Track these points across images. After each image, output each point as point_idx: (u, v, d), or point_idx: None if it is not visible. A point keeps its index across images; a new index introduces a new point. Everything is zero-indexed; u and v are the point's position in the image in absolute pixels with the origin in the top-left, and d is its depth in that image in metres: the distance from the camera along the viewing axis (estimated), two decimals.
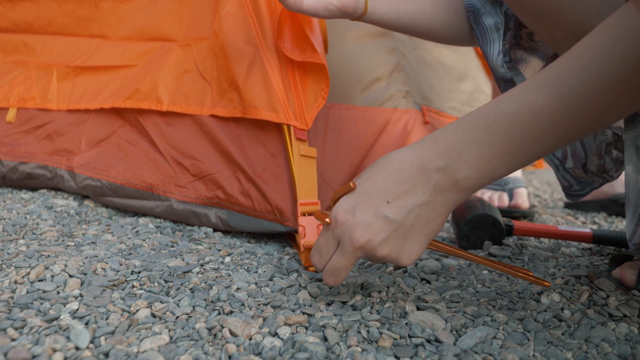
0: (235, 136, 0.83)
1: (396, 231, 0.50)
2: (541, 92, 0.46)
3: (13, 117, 1.10)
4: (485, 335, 0.51)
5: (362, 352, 0.47)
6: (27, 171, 1.05)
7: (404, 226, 0.50)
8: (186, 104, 0.88)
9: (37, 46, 1.14)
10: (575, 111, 0.45)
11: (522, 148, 0.47)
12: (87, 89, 1.04)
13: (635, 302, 0.61)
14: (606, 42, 0.44)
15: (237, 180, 0.82)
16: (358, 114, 0.98)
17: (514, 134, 0.47)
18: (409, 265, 0.52)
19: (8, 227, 0.81)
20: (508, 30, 0.72)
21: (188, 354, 0.45)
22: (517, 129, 0.47)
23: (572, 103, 0.45)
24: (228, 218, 0.82)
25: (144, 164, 0.91)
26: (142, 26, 1.00)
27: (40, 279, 0.60)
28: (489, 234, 0.84)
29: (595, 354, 0.49)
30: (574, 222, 1.16)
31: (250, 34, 0.82)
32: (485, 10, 0.73)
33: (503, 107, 0.47)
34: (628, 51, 0.43)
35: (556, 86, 0.46)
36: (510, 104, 0.47)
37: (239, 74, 0.81)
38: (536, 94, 0.46)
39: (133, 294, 0.58)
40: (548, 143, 0.47)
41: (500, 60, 0.72)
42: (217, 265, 0.69)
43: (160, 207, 0.88)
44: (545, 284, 0.58)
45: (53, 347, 0.45)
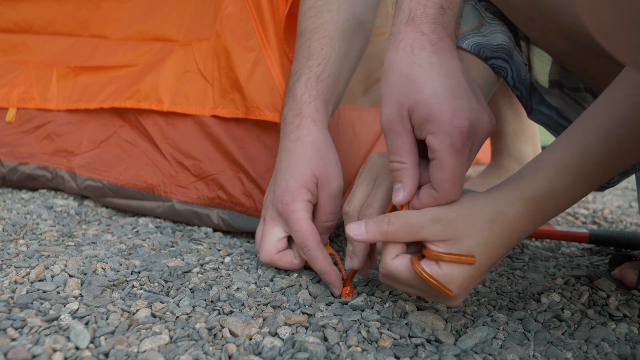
0: (237, 137, 0.83)
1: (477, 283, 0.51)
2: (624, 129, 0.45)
3: (13, 117, 1.10)
4: (485, 335, 0.51)
5: (362, 352, 0.47)
6: (28, 172, 1.05)
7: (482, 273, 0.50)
8: (187, 104, 0.88)
9: (37, 46, 1.14)
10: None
11: (592, 189, 0.49)
12: (87, 88, 1.04)
13: (635, 302, 0.61)
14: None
15: (239, 180, 0.82)
16: (360, 114, 0.98)
17: (595, 182, 0.48)
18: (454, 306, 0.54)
19: (8, 227, 0.81)
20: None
21: (188, 354, 0.45)
22: (599, 176, 0.47)
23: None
24: (230, 218, 0.82)
25: (145, 165, 0.91)
26: (142, 26, 1.00)
27: (40, 279, 0.60)
28: None
29: (595, 354, 0.49)
30: (574, 222, 1.16)
31: (252, 34, 0.81)
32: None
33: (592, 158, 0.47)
34: None
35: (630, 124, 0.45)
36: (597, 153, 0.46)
37: (241, 75, 0.81)
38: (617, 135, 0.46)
39: (133, 294, 0.58)
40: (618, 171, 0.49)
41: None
42: (217, 265, 0.69)
43: (161, 207, 0.88)
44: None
45: (53, 347, 0.45)
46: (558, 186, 0.47)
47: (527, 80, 0.71)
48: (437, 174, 0.46)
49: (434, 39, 0.47)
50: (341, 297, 0.59)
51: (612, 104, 0.46)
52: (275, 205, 0.64)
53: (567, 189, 0.47)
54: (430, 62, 0.46)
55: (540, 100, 0.74)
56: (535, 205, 0.47)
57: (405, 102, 0.46)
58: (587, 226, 1.13)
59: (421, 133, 0.46)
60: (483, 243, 0.46)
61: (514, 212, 0.47)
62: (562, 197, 0.48)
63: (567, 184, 0.47)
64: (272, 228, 0.64)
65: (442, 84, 0.45)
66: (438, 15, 0.47)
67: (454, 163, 0.45)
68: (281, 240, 0.64)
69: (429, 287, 0.48)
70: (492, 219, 0.47)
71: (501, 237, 0.47)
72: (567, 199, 0.48)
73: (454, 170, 0.45)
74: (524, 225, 0.48)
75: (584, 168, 0.47)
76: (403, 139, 0.47)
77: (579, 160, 0.47)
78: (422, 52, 0.46)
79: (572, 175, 0.47)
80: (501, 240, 0.47)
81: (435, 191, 0.47)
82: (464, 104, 0.45)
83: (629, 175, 0.75)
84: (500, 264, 0.76)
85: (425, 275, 0.46)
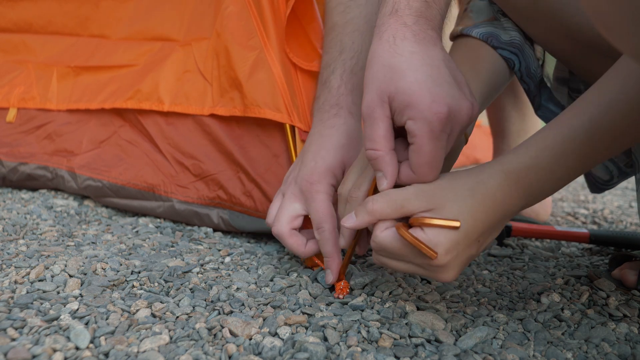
0: (237, 136, 0.83)
1: (469, 258, 0.50)
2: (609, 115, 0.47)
3: (13, 117, 1.10)
4: (485, 335, 0.51)
5: (362, 352, 0.47)
6: (28, 172, 1.05)
7: (476, 253, 0.51)
8: (187, 104, 0.88)
9: (37, 46, 1.14)
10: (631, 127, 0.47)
11: (583, 170, 0.50)
12: (87, 88, 1.04)
13: (635, 302, 0.61)
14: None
15: (239, 180, 0.82)
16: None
17: (583, 164, 0.49)
18: (444, 282, 0.54)
19: (8, 227, 0.81)
20: None
21: (188, 354, 0.45)
22: (587, 157, 0.49)
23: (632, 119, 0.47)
24: (230, 218, 0.82)
25: (145, 164, 0.91)
26: (142, 26, 1.00)
27: (40, 279, 0.60)
28: None
29: (595, 354, 0.49)
30: (574, 222, 1.16)
31: (253, 33, 0.81)
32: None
33: (575, 138, 0.48)
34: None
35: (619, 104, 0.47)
36: (580, 134, 0.48)
37: (242, 73, 0.81)
38: (603, 118, 0.47)
39: (133, 294, 0.58)
40: (603, 159, 0.50)
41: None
42: (217, 265, 0.69)
43: (161, 207, 0.88)
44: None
45: (53, 347, 0.45)
46: (539, 162, 0.48)
47: (537, 75, 0.71)
48: (415, 158, 0.48)
49: (417, 30, 0.48)
50: (335, 291, 0.60)
51: (602, 91, 0.48)
52: (299, 182, 0.65)
53: (548, 166, 0.48)
54: (412, 51, 0.47)
55: (549, 97, 0.74)
56: (515, 177, 0.49)
57: (387, 90, 0.47)
58: (587, 226, 1.13)
59: (401, 119, 0.48)
60: (466, 210, 0.48)
61: (494, 182, 0.49)
62: (543, 174, 0.49)
63: (548, 161, 0.48)
64: (292, 203, 0.65)
65: (423, 72, 0.47)
66: (422, 9, 0.49)
67: (432, 148, 0.47)
68: (298, 217, 0.65)
69: (417, 256, 0.48)
70: (473, 188, 0.48)
71: (484, 205, 0.48)
72: (549, 176, 0.49)
73: (432, 154, 0.47)
74: (506, 196, 0.49)
75: (565, 147, 0.48)
76: (380, 126, 0.48)
77: (562, 139, 0.48)
78: (404, 42, 0.48)
79: (553, 153, 0.48)
80: (484, 209, 0.48)
81: (414, 174, 0.49)
82: (443, 91, 0.46)
83: (628, 176, 0.75)
84: (500, 263, 0.76)
85: (409, 237, 0.47)
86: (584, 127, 0.48)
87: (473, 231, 0.48)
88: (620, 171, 0.75)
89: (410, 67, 0.47)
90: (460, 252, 0.48)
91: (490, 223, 0.49)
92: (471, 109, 0.49)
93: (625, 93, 0.46)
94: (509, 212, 0.50)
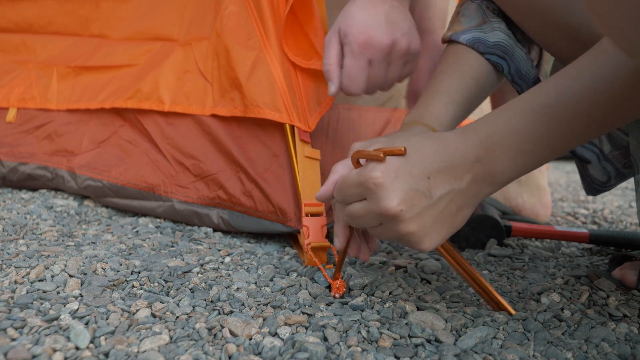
0: (237, 136, 0.83)
1: (429, 210, 0.48)
2: (579, 82, 0.46)
3: (13, 117, 1.10)
4: (485, 335, 0.51)
5: (362, 352, 0.47)
6: (28, 172, 1.05)
7: (437, 207, 0.48)
8: (187, 104, 0.88)
9: (37, 46, 1.14)
10: (610, 100, 0.46)
11: (559, 139, 0.48)
12: (88, 88, 1.04)
13: (635, 302, 0.61)
14: None
15: (239, 180, 0.82)
16: (359, 113, 0.98)
17: (554, 126, 0.47)
18: (427, 250, 0.50)
19: (8, 227, 0.81)
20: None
21: (188, 354, 0.45)
22: (556, 120, 0.47)
23: (606, 92, 0.45)
24: (230, 218, 0.82)
25: (145, 164, 0.91)
26: (142, 26, 1.00)
27: (40, 279, 0.60)
28: (488, 235, 0.84)
29: (595, 354, 0.49)
30: (574, 222, 1.16)
31: (253, 33, 0.81)
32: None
33: (541, 100, 0.48)
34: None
35: (591, 75, 0.46)
36: (548, 96, 0.47)
37: (241, 73, 0.81)
38: (573, 84, 0.46)
39: (133, 294, 0.58)
40: (583, 133, 0.47)
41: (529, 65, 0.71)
42: (217, 265, 0.69)
43: (161, 207, 0.88)
44: (511, 311, 0.56)
45: (53, 347, 0.45)
46: (496, 119, 0.49)
47: (529, 76, 0.71)
48: (343, 71, 0.69)
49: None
50: (332, 290, 0.60)
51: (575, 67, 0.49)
52: None
53: (505, 125, 0.48)
54: (362, 5, 0.68)
55: None
56: (472, 128, 0.49)
57: (339, 25, 0.69)
58: (587, 226, 1.13)
59: (344, 46, 0.68)
60: (414, 143, 0.49)
61: (450, 133, 0.50)
62: (502, 128, 0.48)
63: (505, 122, 0.48)
64: None
65: (361, 16, 0.67)
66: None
67: (351, 63, 0.68)
68: None
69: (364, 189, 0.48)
70: (421, 131, 0.53)
71: (433, 143, 0.49)
72: (508, 131, 0.48)
73: (351, 69, 0.68)
74: (459, 142, 0.49)
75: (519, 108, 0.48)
76: (332, 49, 0.69)
77: (519, 101, 0.49)
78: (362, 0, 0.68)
79: (512, 113, 0.48)
80: (433, 146, 0.49)
81: (342, 85, 0.69)
82: (369, 27, 0.66)
83: (625, 178, 0.75)
84: (500, 263, 0.76)
85: (358, 154, 0.49)
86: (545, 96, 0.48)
87: (418, 163, 0.47)
88: (617, 172, 0.74)
89: (355, 13, 0.67)
90: (411, 192, 0.47)
91: (440, 162, 0.48)
92: (391, 42, 0.67)
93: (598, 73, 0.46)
94: (462, 159, 0.48)
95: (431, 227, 0.48)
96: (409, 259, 0.74)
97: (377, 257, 0.75)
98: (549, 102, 0.47)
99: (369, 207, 0.49)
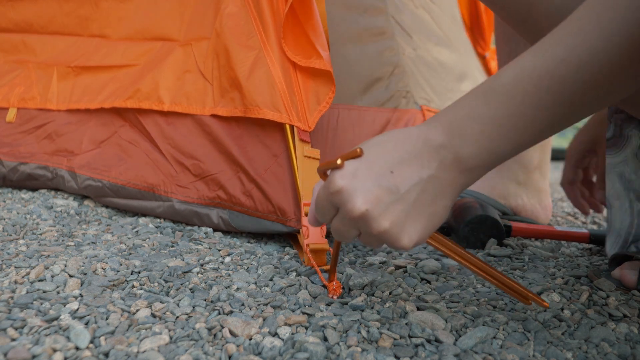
0: (237, 136, 0.83)
1: (398, 204, 0.46)
2: (538, 58, 0.44)
3: (13, 117, 1.10)
4: (485, 335, 0.51)
5: (362, 352, 0.47)
6: (28, 172, 1.05)
7: (407, 200, 0.46)
8: (187, 104, 0.88)
9: (37, 46, 1.14)
10: (577, 74, 0.43)
11: (524, 121, 0.45)
12: (87, 88, 1.04)
13: (635, 302, 0.61)
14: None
15: (239, 180, 0.82)
16: (359, 114, 0.98)
17: (514, 106, 0.45)
18: (408, 248, 0.47)
19: (8, 227, 0.81)
20: None
21: (188, 354, 0.45)
22: (517, 100, 0.45)
23: (571, 65, 0.43)
24: (230, 218, 0.82)
25: (145, 164, 0.91)
26: (142, 26, 1.00)
27: (40, 279, 0.60)
28: (488, 235, 0.84)
29: (595, 354, 0.49)
30: (574, 222, 1.16)
31: (252, 34, 0.81)
32: None
33: (501, 79, 0.46)
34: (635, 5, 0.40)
35: (553, 50, 0.44)
36: (508, 76, 0.45)
37: (241, 73, 0.81)
38: (533, 61, 0.44)
39: (133, 294, 0.58)
40: (552, 114, 0.45)
41: None
42: (217, 265, 0.69)
43: (161, 207, 0.88)
44: (544, 304, 0.54)
45: (53, 347, 0.45)
46: (462, 101, 0.47)
47: None
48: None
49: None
50: (328, 291, 0.60)
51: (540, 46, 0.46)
52: None
53: (465, 108, 0.47)
54: None
55: None
56: (436, 115, 0.48)
57: None
58: (587, 226, 1.13)
59: None
60: (373, 143, 0.48)
61: (412, 127, 0.49)
62: (469, 111, 0.47)
63: (465, 105, 0.47)
64: None
65: None
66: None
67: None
68: None
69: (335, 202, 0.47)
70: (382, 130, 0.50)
71: (392, 137, 0.48)
72: (466, 115, 0.46)
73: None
74: (422, 129, 0.47)
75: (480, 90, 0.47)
76: None
77: (482, 84, 0.47)
78: None
79: (473, 96, 0.47)
80: (392, 140, 0.48)
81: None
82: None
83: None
84: (500, 263, 0.76)
85: (321, 167, 0.49)
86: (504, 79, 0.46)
87: (378, 160, 0.46)
88: None
89: None
90: (374, 189, 0.45)
91: (402, 153, 0.47)
92: None
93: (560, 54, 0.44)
94: (427, 147, 0.47)
95: (405, 221, 0.46)
96: (409, 259, 0.74)
97: (377, 257, 0.75)
98: (507, 81, 0.45)
99: (342, 216, 0.48)
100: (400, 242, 0.47)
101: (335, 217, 0.49)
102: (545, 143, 1.06)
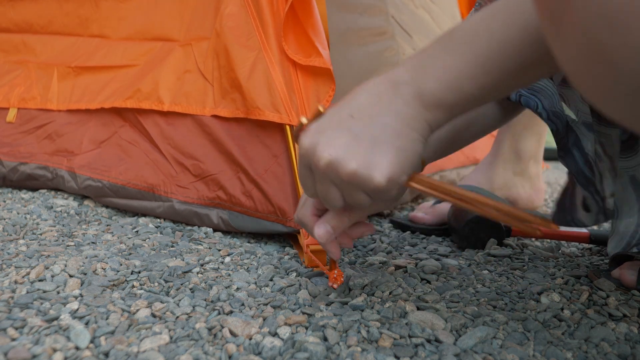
0: (237, 136, 0.83)
1: (361, 142, 0.46)
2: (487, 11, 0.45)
3: (13, 118, 1.10)
4: (485, 335, 0.51)
5: (362, 352, 0.47)
6: (28, 172, 1.05)
7: (370, 137, 0.46)
8: (187, 104, 0.88)
9: (37, 46, 1.14)
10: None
11: (490, 59, 0.44)
12: (88, 88, 1.04)
13: (635, 302, 0.61)
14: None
15: (239, 180, 0.82)
16: None
17: (480, 42, 0.45)
18: (383, 184, 0.45)
19: (8, 227, 0.81)
20: None
21: (188, 354, 0.45)
22: (484, 38, 0.44)
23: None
24: (230, 219, 0.82)
25: (145, 165, 0.91)
26: (142, 26, 1.00)
27: (40, 279, 0.60)
28: (488, 235, 0.84)
29: (595, 354, 0.49)
30: None
31: (252, 34, 0.81)
32: None
33: (469, 19, 0.46)
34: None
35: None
36: (475, 16, 0.46)
37: (241, 74, 0.81)
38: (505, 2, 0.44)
39: (133, 294, 0.58)
40: (520, 55, 0.44)
41: None
42: (217, 265, 0.69)
43: (161, 207, 0.88)
44: (551, 225, 0.45)
45: (53, 347, 0.45)
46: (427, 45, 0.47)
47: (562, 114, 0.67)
48: None
49: None
50: (329, 280, 0.60)
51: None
52: None
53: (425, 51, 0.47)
54: None
55: (575, 142, 0.66)
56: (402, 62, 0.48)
57: None
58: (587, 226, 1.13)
59: None
60: (335, 102, 0.49)
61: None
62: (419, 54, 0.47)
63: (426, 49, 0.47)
64: None
65: None
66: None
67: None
68: None
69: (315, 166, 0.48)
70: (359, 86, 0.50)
71: (360, 86, 0.48)
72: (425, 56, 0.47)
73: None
74: (380, 78, 0.47)
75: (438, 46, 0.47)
76: None
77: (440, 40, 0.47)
78: None
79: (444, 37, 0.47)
80: (354, 91, 0.48)
81: None
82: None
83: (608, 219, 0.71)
84: (500, 263, 0.76)
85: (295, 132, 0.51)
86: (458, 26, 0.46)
87: (337, 110, 0.47)
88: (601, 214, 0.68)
89: None
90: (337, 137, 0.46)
91: (362, 98, 0.47)
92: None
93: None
94: (391, 83, 0.47)
95: (372, 158, 0.45)
96: (408, 258, 0.75)
97: (377, 257, 0.75)
98: (474, 21, 0.46)
99: (317, 176, 0.49)
100: (373, 180, 0.46)
101: (315, 182, 0.50)
102: (541, 132, 1.08)
